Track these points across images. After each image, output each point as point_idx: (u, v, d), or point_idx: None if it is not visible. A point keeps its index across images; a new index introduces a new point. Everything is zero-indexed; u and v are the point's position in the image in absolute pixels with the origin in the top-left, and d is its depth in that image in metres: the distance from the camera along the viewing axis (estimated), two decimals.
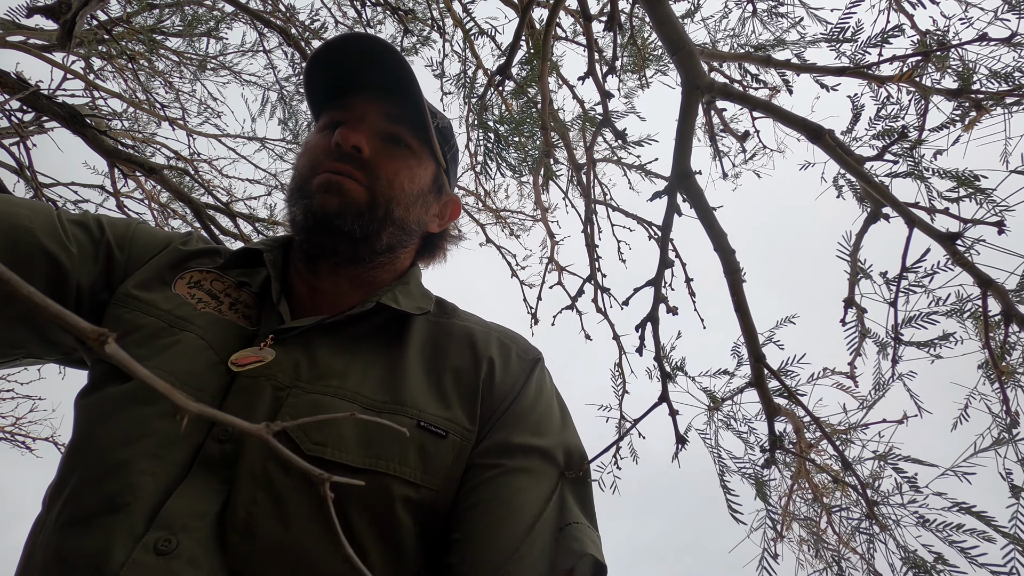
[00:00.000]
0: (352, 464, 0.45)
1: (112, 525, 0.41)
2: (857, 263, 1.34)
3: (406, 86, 0.59)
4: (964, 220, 1.15)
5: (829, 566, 1.34)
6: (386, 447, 0.47)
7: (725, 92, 1.39)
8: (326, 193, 0.56)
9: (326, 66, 0.61)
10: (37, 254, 0.51)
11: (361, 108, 0.61)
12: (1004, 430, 1.19)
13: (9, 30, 2.00)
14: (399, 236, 0.61)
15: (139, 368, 0.18)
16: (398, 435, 0.47)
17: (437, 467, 0.48)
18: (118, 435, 0.45)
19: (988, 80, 1.22)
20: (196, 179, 2.57)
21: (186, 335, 0.51)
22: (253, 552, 0.41)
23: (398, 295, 0.58)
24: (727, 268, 1.41)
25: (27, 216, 0.52)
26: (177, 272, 0.58)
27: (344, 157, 0.57)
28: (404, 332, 0.57)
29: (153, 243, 0.59)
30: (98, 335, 0.17)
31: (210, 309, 0.55)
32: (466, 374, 0.55)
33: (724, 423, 1.46)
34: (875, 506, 1.28)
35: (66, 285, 0.53)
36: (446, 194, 0.68)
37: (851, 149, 1.33)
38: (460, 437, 0.51)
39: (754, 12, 1.79)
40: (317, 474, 0.21)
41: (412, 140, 0.61)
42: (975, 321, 1.23)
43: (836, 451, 1.31)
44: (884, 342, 1.35)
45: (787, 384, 1.37)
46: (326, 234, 0.56)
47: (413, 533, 0.47)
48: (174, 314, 0.53)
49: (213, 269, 0.59)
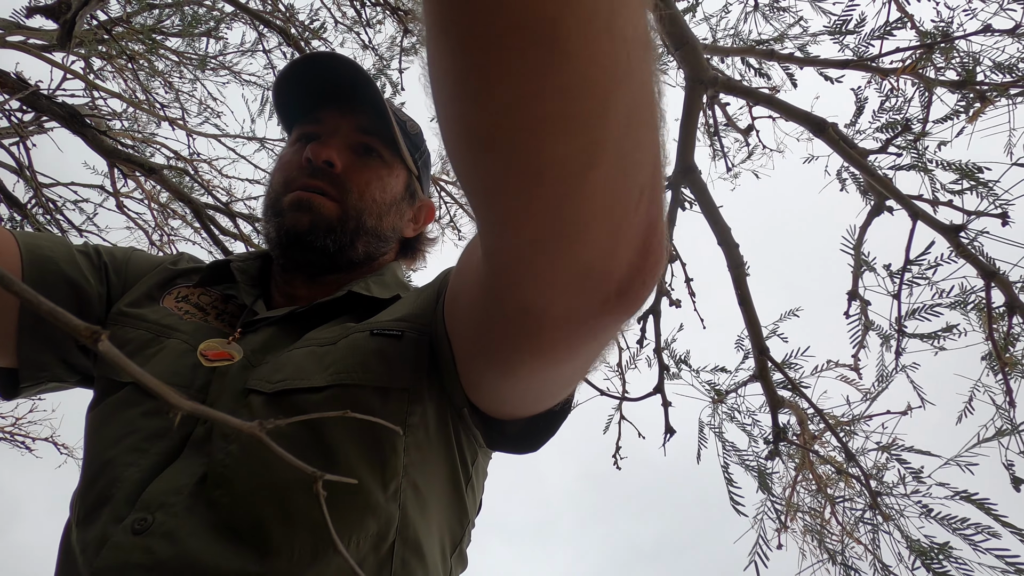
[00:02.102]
0: (316, 385, 0.46)
1: (101, 516, 0.43)
2: (861, 256, 1.35)
3: (372, 98, 0.61)
4: (968, 212, 1.16)
5: (833, 556, 1.35)
6: (345, 362, 0.48)
7: (728, 86, 1.39)
8: (297, 211, 0.58)
9: (294, 83, 0.62)
10: (61, 283, 0.55)
11: (333, 121, 0.62)
12: (1007, 421, 1.20)
13: (9, 30, 2.00)
14: (375, 244, 0.62)
15: (130, 365, 0.18)
16: (356, 349, 0.48)
17: (401, 365, 0.49)
18: (109, 438, 0.48)
19: (992, 71, 1.22)
20: (196, 179, 2.57)
21: (171, 341, 0.53)
22: (233, 499, 0.42)
23: (371, 284, 0.59)
24: (731, 262, 1.41)
25: (49, 248, 0.55)
26: (165, 289, 0.60)
27: (316, 172, 0.59)
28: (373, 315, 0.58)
29: (145, 266, 0.62)
30: (91, 332, 0.17)
31: (196, 319, 0.57)
32: (420, 292, 0.57)
33: (728, 416, 1.47)
34: (878, 496, 1.29)
35: (89, 307, 0.56)
36: (419, 199, 0.69)
37: (854, 142, 1.33)
38: (417, 327, 0.51)
39: (756, 7, 1.79)
40: (310, 472, 0.22)
41: (383, 150, 0.63)
42: (979, 312, 1.23)
43: (840, 442, 1.32)
44: (888, 334, 1.36)
45: (791, 376, 1.38)
46: (300, 251, 0.58)
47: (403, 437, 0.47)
48: (161, 324, 0.55)
49: (199, 284, 0.61)
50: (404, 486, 0.46)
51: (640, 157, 0.27)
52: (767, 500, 1.35)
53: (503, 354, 0.40)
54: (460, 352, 0.47)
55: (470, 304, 0.42)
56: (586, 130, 0.25)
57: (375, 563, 0.44)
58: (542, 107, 0.24)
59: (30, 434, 3.47)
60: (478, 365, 0.45)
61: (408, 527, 0.46)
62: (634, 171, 0.27)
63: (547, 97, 0.23)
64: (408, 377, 0.48)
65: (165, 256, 0.65)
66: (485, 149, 0.27)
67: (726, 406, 1.47)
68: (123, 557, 0.40)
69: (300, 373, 0.47)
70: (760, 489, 1.37)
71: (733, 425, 1.47)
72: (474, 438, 0.53)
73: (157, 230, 2.84)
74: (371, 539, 0.44)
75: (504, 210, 0.29)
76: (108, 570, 0.40)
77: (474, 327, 0.43)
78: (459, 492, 0.52)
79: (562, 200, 0.27)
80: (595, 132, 0.25)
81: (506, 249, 0.32)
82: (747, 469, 1.40)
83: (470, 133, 0.27)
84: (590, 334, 0.35)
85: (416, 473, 0.47)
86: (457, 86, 0.25)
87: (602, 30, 0.23)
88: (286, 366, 0.48)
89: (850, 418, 1.38)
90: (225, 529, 0.42)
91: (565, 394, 0.47)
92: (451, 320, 0.47)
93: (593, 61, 0.23)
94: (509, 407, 0.48)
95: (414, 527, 0.46)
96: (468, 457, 0.53)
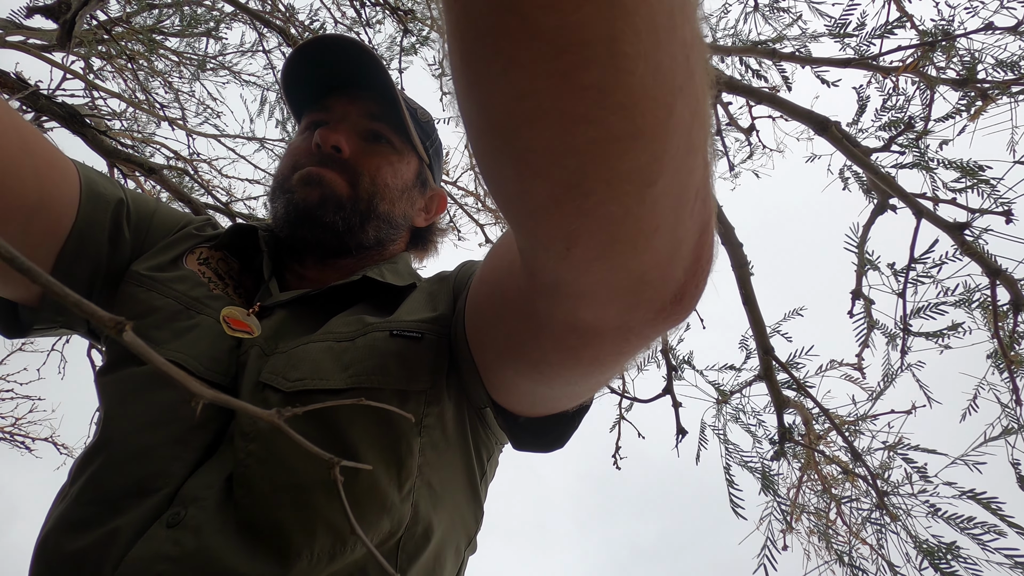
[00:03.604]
0: (335, 387, 0.45)
1: (141, 505, 0.42)
2: (865, 254, 1.35)
3: (383, 83, 0.60)
4: (972, 210, 1.15)
5: (840, 557, 1.34)
6: (364, 364, 0.47)
7: (731, 85, 1.39)
8: (307, 186, 0.57)
9: (303, 69, 0.61)
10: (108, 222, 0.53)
11: (341, 108, 0.61)
12: (1013, 419, 1.19)
13: (9, 30, 1.99)
14: (386, 230, 0.61)
15: (155, 356, 0.18)
16: (375, 350, 0.47)
17: (420, 367, 0.48)
18: (142, 419, 0.45)
19: (994, 69, 1.22)
20: (196, 179, 2.56)
21: (203, 318, 0.51)
22: (254, 500, 0.42)
23: (385, 271, 0.58)
24: (735, 262, 1.41)
25: (102, 185, 0.53)
26: (189, 250, 0.58)
27: (325, 159, 0.58)
28: (388, 305, 0.57)
29: (170, 224, 0.60)
30: (115, 323, 0.17)
31: (219, 291, 0.55)
32: (438, 287, 0.55)
33: (733, 416, 1.46)
34: (885, 496, 1.28)
35: (119, 255, 0.54)
36: (431, 188, 0.68)
37: (857, 140, 1.33)
38: (437, 329, 0.50)
39: (756, 7, 1.79)
40: (327, 458, 0.21)
41: (393, 137, 0.62)
42: (984, 310, 1.23)
43: (845, 442, 1.32)
44: (892, 333, 1.35)
45: (796, 376, 1.37)
46: (308, 227, 0.56)
47: (418, 438, 0.46)
48: (189, 295, 0.53)
49: (218, 247, 0.60)
50: (419, 485, 0.45)
51: (695, 160, 0.26)
52: (773, 502, 1.34)
53: (542, 366, 0.39)
54: (485, 358, 0.46)
55: (502, 316, 0.41)
56: (649, 145, 0.23)
57: (383, 557, 0.43)
58: (603, 127, 0.22)
59: (30, 434, 3.45)
60: (507, 372, 0.44)
61: (418, 523, 0.45)
62: (690, 175, 0.26)
63: (608, 116, 0.22)
64: (426, 379, 0.48)
65: (192, 216, 0.63)
66: (536, 172, 0.25)
67: (731, 406, 1.47)
68: (155, 548, 0.40)
69: (319, 372, 0.46)
70: (763, 491, 1.36)
71: (737, 426, 1.46)
72: (495, 438, 0.52)
73: None
74: (383, 535, 0.43)
75: (556, 229, 0.27)
76: (140, 560, 0.39)
77: (506, 338, 0.41)
78: (475, 488, 0.52)
79: (622, 218, 0.25)
80: (657, 145, 0.23)
81: (556, 268, 0.30)
82: (750, 471, 1.39)
83: (519, 153, 0.25)
84: (642, 343, 0.34)
85: (431, 472, 0.47)
86: (508, 105, 0.23)
87: (663, 41, 0.21)
88: (303, 363, 0.47)
89: (855, 417, 1.37)
90: (247, 529, 0.41)
91: (596, 393, 0.46)
92: (474, 328, 0.46)
93: (655, 74, 0.21)
94: (538, 408, 0.47)
95: (425, 524, 0.46)
96: (484, 453, 0.52)
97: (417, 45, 2.51)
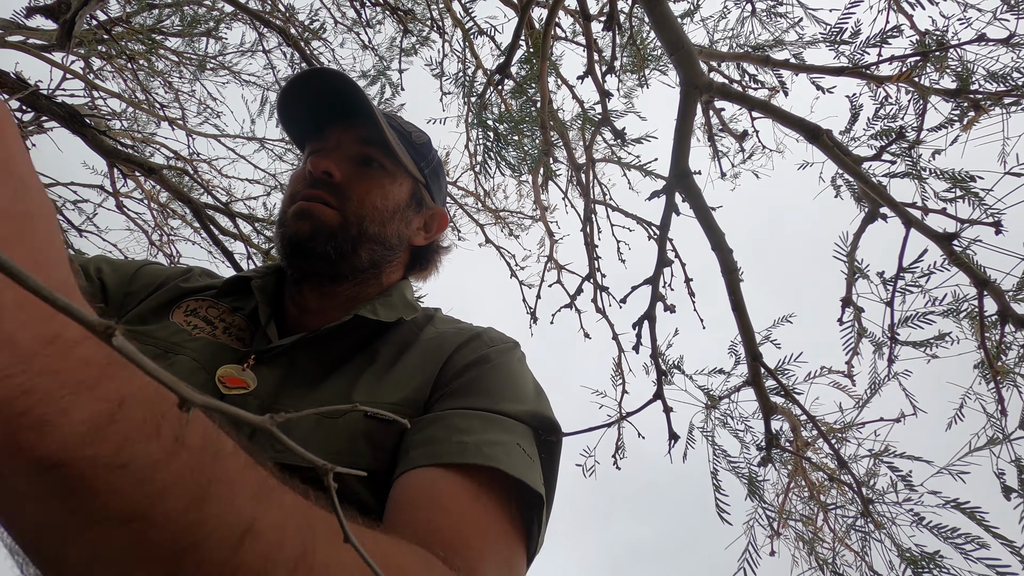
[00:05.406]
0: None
1: None
2: (854, 263, 1.35)
3: (367, 111, 0.63)
4: (961, 220, 1.15)
5: (825, 564, 1.35)
6: (339, 445, 0.49)
7: (724, 92, 1.39)
8: (298, 220, 0.60)
9: (297, 101, 0.65)
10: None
11: (336, 136, 0.65)
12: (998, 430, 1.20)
13: (9, 30, 2.01)
14: (380, 252, 0.64)
15: (145, 360, 0.18)
16: (353, 431, 0.50)
17: (385, 449, 0.51)
18: None
19: (986, 80, 1.22)
20: (195, 179, 2.58)
21: (179, 358, 0.54)
22: None
23: (377, 307, 0.61)
24: (724, 267, 1.41)
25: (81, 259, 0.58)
26: (175, 304, 0.61)
27: (316, 183, 0.62)
28: (382, 341, 0.60)
29: (154, 280, 0.64)
30: (105, 327, 0.17)
31: (204, 334, 0.58)
32: (430, 360, 0.57)
33: (721, 421, 1.47)
34: (870, 503, 1.29)
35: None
36: (429, 207, 0.71)
37: (849, 149, 1.33)
38: (410, 413, 0.52)
39: (753, 12, 1.79)
40: (321, 465, 0.22)
41: (385, 160, 0.65)
42: (971, 321, 1.23)
43: (832, 449, 1.32)
44: (880, 341, 1.36)
45: (784, 383, 1.38)
46: (303, 258, 0.60)
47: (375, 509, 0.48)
48: (169, 341, 0.56)
49: (208, 297, 0.63)
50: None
51: None
52: (758, 507, 1.35)
53: None
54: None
55: None
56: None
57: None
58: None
59: None
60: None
61: None
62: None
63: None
64: (388, 460, 0.50)
65: (175, 269, 0.67)
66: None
67: (719, 411, 1.47)
68: None
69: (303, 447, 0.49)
70: (749, 496, 1.37)
71: (725, 431, 1.47)
72: None
73: (157, 230, 2.85)
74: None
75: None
76: None
77: None
78: None
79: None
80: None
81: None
82: (737, 476, 1.40)
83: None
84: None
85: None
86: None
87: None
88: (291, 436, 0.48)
89: (842, 425, 1.38)
90: None
91: None
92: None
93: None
94: None
95: None
96: None
97: (417, 45, 2.51)
